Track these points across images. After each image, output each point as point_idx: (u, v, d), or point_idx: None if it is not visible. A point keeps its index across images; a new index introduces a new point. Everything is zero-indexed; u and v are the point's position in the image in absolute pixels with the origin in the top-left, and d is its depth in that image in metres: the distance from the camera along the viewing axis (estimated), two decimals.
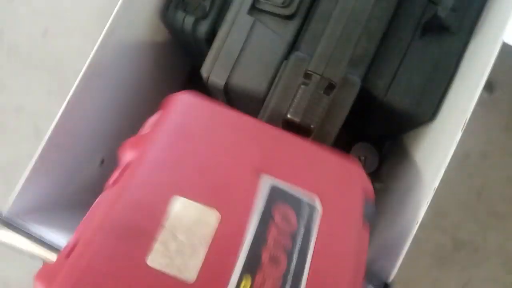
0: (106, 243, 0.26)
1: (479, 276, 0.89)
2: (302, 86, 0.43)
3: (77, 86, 0.41)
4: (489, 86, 1.00)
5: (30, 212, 0.42)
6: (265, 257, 0.28)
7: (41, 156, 0.40)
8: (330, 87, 0.43)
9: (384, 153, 0.65)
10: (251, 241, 0.28)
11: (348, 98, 0.44)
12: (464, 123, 0.42)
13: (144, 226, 0.26)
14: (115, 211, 0.27)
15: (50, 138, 0.41)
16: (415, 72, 0.48)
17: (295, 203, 0.31)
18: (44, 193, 0.44)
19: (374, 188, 0.67)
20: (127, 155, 0.32)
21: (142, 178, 0.29)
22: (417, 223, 0.42)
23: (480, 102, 0.96)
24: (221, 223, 0.28)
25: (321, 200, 0.32)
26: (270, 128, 0.36)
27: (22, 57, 0.86)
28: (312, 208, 0.32)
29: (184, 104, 0.35)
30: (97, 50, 0.41)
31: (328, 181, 0.34)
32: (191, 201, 0.28)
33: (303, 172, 0.34)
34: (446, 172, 0.91)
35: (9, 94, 0.86)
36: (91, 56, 0.41)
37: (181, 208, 0.28)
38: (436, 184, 0.42)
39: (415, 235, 0.87)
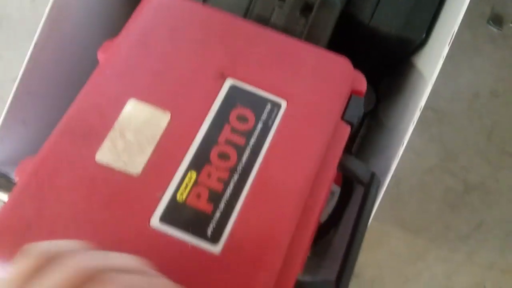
0: (61, 143, 0.28)
1: (492, 217, 0.86)
2: (277, 9, 0.40)
3: (42, 28, 0.40)
4: (499, 21, 0.95)
5: (10, 163, 0.42)
6: (213, 154, 0.29)
7: (14, 103, 0.40)
8: (307, 8, 0.41)
9: (381, 93, 0.62)
10: (200, 140, 0.29)
11: (328, 20, 0.42)
12: (451, 39, 0.40)
13: (97, 127, 0.29)
14: (72, 114, 0.29)
15: (20, 83, 0.40)
16: None
17: (256, 103, 0.31)
18: (23, 142, 0.44)
19: (371, 126, 0.65)
20: (101, 57, 0.33)
21: (102, 81, 0.30)
22: (403, 144, 0.39)
23: (490, 38, 0.92)
24: (171, 124, 0.29)
25: (290, 96, 0.31)
26: (244, 24, 0.35)
27: (13, 27, 0.86)
28: (275, 106, 0.31)
29: (154, 3, 0.34)
30: None
31: (302, 77, 0.32)
32: (143, 103, 0.29)
33: (276, 68, 0.32)
34: (455, 113, 0.88)
35: (5, 65, 0.86)
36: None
37: (132, 110, 0.29)
38: (422, 103, 0.40)
39: (423, 180, 0.85)
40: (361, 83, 0.35)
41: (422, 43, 0.48)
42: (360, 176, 0.35)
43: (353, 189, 0.49)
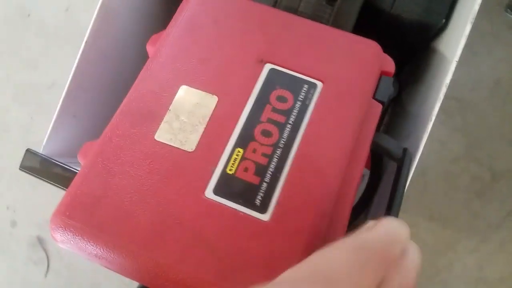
0: (123, 124, 0.32)
1: None
2: (304, 0, 0.43)
3: (91, 29, 0.44)
4: None
5: (63, 154, 0.46)
6: (257, 131, 0.31)
7: (66, 98, 0.43)
8: None
9: (404, 80, 0.64)
10: (245, 119, 0.32)
11: (352, 8, 0.44)
12: (472, 17, 0.41)
13: (154, 110, 0.32)
14: (131, 99, 0.33)
15: (72, 79, 0.43)
16: None
17: (294, 84, 0.33)
18: (73, 136, 0.48)
19: (395, 113, 0.66)
20: (150, 50, 0.37)
21: (155, 70, 0.34)
22: (431, 120, 0.41)
23: (508, 26, 0.93)
24: (219, 106, 0.32)
25: (325, 78, 0.33)
26: (279, 13, 0.37)
27: (49, 35, 0.91)
28: (311, 87, 0.33)
29: None
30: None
31: (335, 59, 0.34)
32: (193, 89, 0.33)
33: (310, 52, 0.35)
34: (477, 101, 0.89)
35: (42, 72, 0.91)
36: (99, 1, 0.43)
37: (184, 95, 0.33)
38: (448, 80, 0.41)
39: (449, 169, 0.86)
40: (390, 65, 0.37)
41: (442, 27, 0.49)
42: (393, 151, 0.37)
43: (383, 171, 0.50)
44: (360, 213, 0.51)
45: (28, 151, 0.42)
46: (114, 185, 0.29)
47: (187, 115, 0.32)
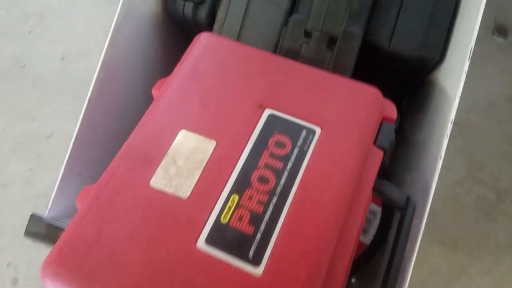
0: (120, 169, 0.32)
1: None
2: (304, 45, 0.44)
3: (94, 86, 0.44)
4: (503, 31, 0.97)
5: (67, 216, 0.45)
6: (254, 178, 0.31)
7: (71, 156, 0.43)
8: (331, 41, 0.44)
9: (404, 110, 0.64)
10: (242, 165, 0.32)
11: (352, 49, 0.45)
12: (470, 54, 0.42)
13: (152, 155, 0.32)
14: (130, 143, 0.33)
15: (77, 138, 0.43)
16: (416, 16, 0.49)
17: (292, 130, 0.33)
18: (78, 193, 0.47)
19: (398, 142, 0.67)
20: (156, 94, 0.37)
21: (156, 115, 0.34)
22: (441, 157, 0.41)
23: (497, 48, 0.94)
24: (217, 151, 0.32)
25: (324, 123, 0.33)
26: (281, 59, 0.38)
27: (46, 85, 0.91)
28: (310, 132, 0.33)
29: (201, 43, 0.38)
30: (107, 49, 0.43)
31: (334, 105, 0.35)
32: (191, 133, 0.33)
33: (310, 98, 0.35)
34: (475, 123, 0.89)
35: (40, 122, 0.91)
36: (102, 56, 0.43)
37: (183, 139, 0.33)
38: (452, 117, 0.42)
39: (455, 192, 0.86)
40: (391, 110, 0.37)
41: (439, 61, 0.50)
42: (396, 200, 0.37)
43: (394, 210, 0.50)
44: (374, 253, 0.50)
45: (33, 216, 0.41)
46: (107, 232, 0.29)
47: (184, 160, 0.32)
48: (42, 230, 0.42)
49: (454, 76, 0.44)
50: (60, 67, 0.91)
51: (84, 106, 0.43)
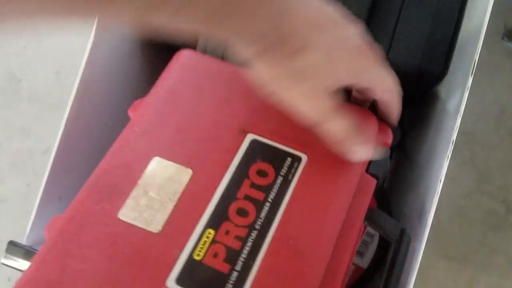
0: (88, 200, 0.29)
1: None
2: None
3: (72, 107, 0.42)
4: (510, 35, 0.94)
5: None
6: (232, 210, 0.29)
7: (49, 180, 0.41)
8: None
9: (406, 124, 0.62)
10: (219, 196, 0.29)
11: None
12: (473, 69, 0.39)
13: (121, 185, 0.29)
14: (99, 172, 0.30)
15: (54, 161, 0.41)
16: (415, 27, 0.46)
17: (276, 157, 0.31)
18: None
19: (399, 159, 0.64)
20: (131, 116, 0.35)
21: (129, 140, 0.32)
22: (440, 181, 0.39)
23: (507, 54, 0.91)
24: (193, 181, 0.30)
25: (311, 150, 0.31)
26: None
27: (42, 100, 0.90)
28: (295, 159, 0.31)
29: (181, 61, 0.36)
30: (84, 70, 0.41)
31: None
32: (166, 161, 0.30)
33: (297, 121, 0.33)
34: (483, 133, 0.86)
35: (36, 138, 0.90)
36: (79, 77, 0.41)
37: (156, 167, 0.30)
38: (453, 137, 0.39)
39: (462, 205, 0.83)
40: (387, 136, 0.34)
41: (443, 73, 0.48)
42: (389, 232, 0.34)
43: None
44: (368, 281, 0.48)
45: (11, 243, 0.39)
46: (71, 270, 0.27)
47: (156, 191, 0.29)
48: (20, 257, 0.40)
49: (456, 92, 0.42)
50: (55, 82, 0.90)
51: (61, 128, 0.41)
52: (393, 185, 0.61)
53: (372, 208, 0.33)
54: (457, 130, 0.40)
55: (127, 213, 0.29)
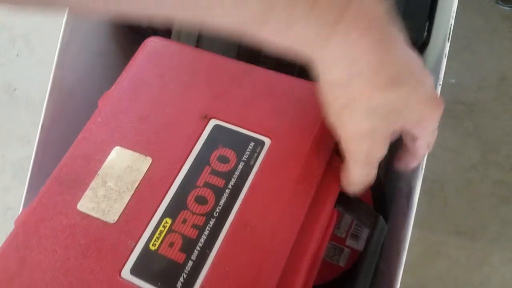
0: (49, 193, 0.29)
1: None
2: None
3: (46, 111, 0.41)
4: None
5: None
6: (190, 198, 0.28)
7: (30, 187, 0.41)
8: None
9: None
10: (178, 184, 0.29)
11: None
12: (449, 35, 0.38)
13: (82, 176, 0.30)
14: (62, 164, 0.31)
15: (33, 168, 0.41)
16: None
17: (238, 142, 0.30)
18: None
19: (393, 148, 0.62)
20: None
21: (91, 131, 0.32)
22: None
23: (503, 18, 0.88)
24: (152, 169, 0.29)
25: (275, 134, 0.30)
26: (233, 63, 0.34)
27: (38, 107, 0.91)
28: (258, 143, 0.30)
29: (147, 49, 0.35)
30: (55, 70, 0.41)
31: (289, 112, 0.31)
32: (126, 150, 0.30)
33: (261, 104, 0.32)
34: (485, 102, 0.84)
35: (33, 145, 0.90)
36: (51, 80, 0.41)
37: (116, 157, 0.30)
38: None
39: (469, 178, 0.80)
40: None
41: (425, 42, 0.46)
42: (363, 218, 0.33)
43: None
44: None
45: None
46: (29, 262, 0.27)
47: (115, 181, 0.29)
48: None
49: (436, 60, 0.40)
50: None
51: (38, 134, 0.41)
52: (388, 175, 0.60)
53: (344, 193, 0.32)
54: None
55: (85, 204, 0.29)
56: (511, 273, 0.79)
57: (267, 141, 0.30)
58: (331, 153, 0.30)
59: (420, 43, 0.46)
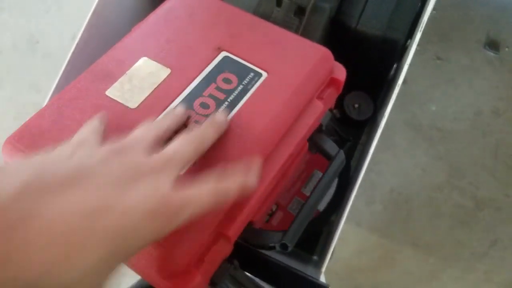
0: (85, 80, 0.37)
1: (506, 234, 0.85)
2: (275, 11, 0.48)
3: (83, 34, 0.48)
4: (495, 46, 1.00)
5: None
6: (196, 103, 0.35)
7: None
8: (300, 10, 0.48)
9: (379, 103, 0.67)
10: (188, 92, 0.36)
11: (319, 23, 0.49)
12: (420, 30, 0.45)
13: (113, 73, 0.37)
14: (99, 62, 0.38)
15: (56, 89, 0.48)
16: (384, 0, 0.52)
17: (241, 71, 0.37)
18: None
19: (372, 130, 0.69)
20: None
21: (126, 43, 0.39)
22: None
23: (488, 62, 0.97)
24: (169, 78, 0.36)
25: (271, 70, 0.37)
26: (249, 16, 0.42)
27: (55, 61, 0.97)
28: (257, 74, 0.37)
29: None
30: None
31: (285, 57, 0.38)
32: (151, 60, 0.38)
33: (265, 48, 0.39)
34: (459, 132, 0.92)
35: (45, 94, 0.96)
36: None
37: (142, 64, 0.37)
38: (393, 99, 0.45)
39: (432, 197, 0.87)
40: (340, 72, 0.40)
41: (406, 44, 0.53)
42: (327, 150, 0.40)
43: (349, 179, 0.52)
44: (329, 217, 0.53)
45: None
46: (59, 124, 0.34)
47: (139, 80, 0.36)
48: None
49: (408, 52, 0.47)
50: (69, 45, 0.96)
51: (70, 52, 0.47)
52: (363, 156, 0.66)
53: (316, 131, 0.39)
54: (395, 97, 0.45)
55: (112, 92, 0.36)
56: None
57: (264, 74, 0.37)
58: (312, 97, 0.37)
59: (401, 45, 0.54)
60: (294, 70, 0.37)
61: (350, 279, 0.78)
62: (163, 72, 0.37)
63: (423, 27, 0.46)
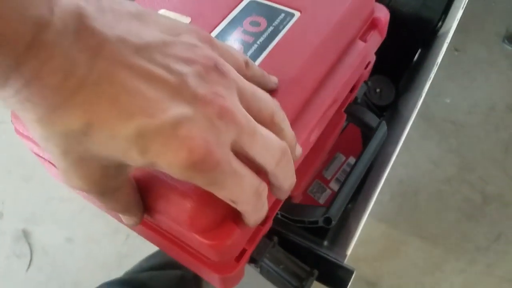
0: None
1: (511, 229, 0.85)
2: None
3: None
4: (511, 39, 0.99)
5: None
6: None
7: None
8: None
9: (402, 88, 0.65)
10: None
11: None
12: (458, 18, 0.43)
13: None
14: None
15: None
16: None
17: (271, 12, 0.34)
18: None
19: (392, 117, 0.68)
20: None
21: None
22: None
23: (506, 56, 0.96)
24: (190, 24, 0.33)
25: (305, 9, 0.34)
26: None
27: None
28: (288, 14, 0.34)
29: None
30: None
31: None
32: (169, 12, 0.35)
33: None
34: (472, 125, 0.90)
35: None
36: None
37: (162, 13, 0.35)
38: (426, 87, 0.43)
39: (441, 190, 0.86)
40: (383, 13, 0.37)
41: (439, 25, 0.51)
42: (368, 122, 0.38)
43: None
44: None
45: None
46: None
47: None
48: None
49: (442, 38, 0.45)
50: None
51: None
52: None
53: (353, 104, 0.36)
54: (431, 79, 0.43)
55: None
56: (460, 283, 0.84)
57: (296, 13, 0.34)
58: (354, 38, 0.34)
59: (435, 25, 0.52)
60: (331, 8, 0.34)
61: (354, 268, 0.77)
62: (183, 20, 0.34)
63: (464, 5, 0.44)
